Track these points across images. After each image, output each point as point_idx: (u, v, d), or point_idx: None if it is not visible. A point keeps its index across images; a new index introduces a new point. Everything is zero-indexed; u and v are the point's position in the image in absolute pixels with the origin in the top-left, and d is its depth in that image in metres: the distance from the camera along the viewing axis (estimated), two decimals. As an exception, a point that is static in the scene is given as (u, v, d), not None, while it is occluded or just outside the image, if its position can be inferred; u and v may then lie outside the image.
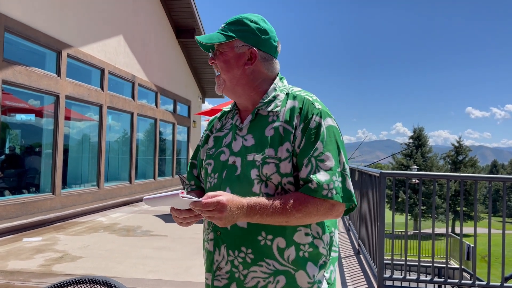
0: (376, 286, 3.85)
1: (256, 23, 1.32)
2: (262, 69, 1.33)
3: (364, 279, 4.17)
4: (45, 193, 7.28)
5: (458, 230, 34.09)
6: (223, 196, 1.11)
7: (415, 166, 33.71)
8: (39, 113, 7.75)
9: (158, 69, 12.27)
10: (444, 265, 4.06)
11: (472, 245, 14.05)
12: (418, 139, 38.80)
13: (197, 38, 1.32)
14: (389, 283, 3.86)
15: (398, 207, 31.92)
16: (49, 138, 7.47)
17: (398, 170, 32.35)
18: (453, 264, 14.14)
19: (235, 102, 1.42)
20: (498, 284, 3.65)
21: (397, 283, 4.11)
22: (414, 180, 19.21)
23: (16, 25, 6.32)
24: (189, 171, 1.52)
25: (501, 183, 3.86)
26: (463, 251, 13.70)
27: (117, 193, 9.74)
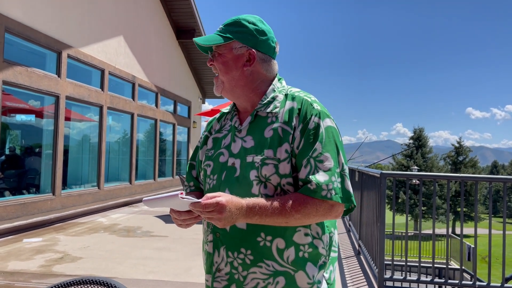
0: (376, 287, 3.85)
1: (254, 24, 1.31)
2: (261, 70, 1.33)
3: (364, 279, 4.17)
4: (45, 193, 7.28)
5: (458, 231, 34.06)
6: (223, 197, 1.11)
7: (416, 167, 33.69)
8: (39, 114, 7.76)
9: (159, 70, 12.28)
10: (445, 266, 4.05)
11: (472, 245, 14.05)
12: (419, 140, 38.78)
13: (195, 40, 1.31)
14: (389, 283, 3.86)
15: (398, 207, 31.91)
16: (49, 138, 7.48)
17: (398, 171, 32.32)
18: (454, 264, 14.14)
19: (234, 103, 1.42)
20: (499, 285, 3.65)
21: (398, 284, 4.11)
22: (414, 181, 19.19)
23: (17, 25, 6.32)
24: (188, 172, 1.51)
25: (502, 184, 3.86)
26: (464, 252, 13.69)
27: (117, 194, 9.75)
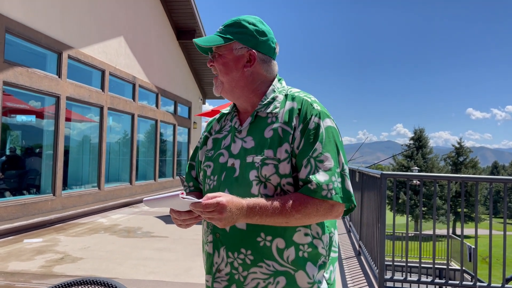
0: (376, 287, 3.85)
1: (254, 25, 1.31)
2: (261, 71, 1.33)
3: (365, 280, 4.17)
4: (45, 194, 7.29)
5: (459, 232, 34.03)
6: (223, 197, 1.11)
7: (416, 167, 33.66)
8: (40, 114, 7.76)
9: (159, 71, 12.29)
10: (445, 267, 4.05)
11: (473, 246, 14.03)
12: (419, 140, 38.74)
13: (195, 41, 1.31)
14: (390, 284, 3.86)
15: (399, 208, 31.89)
16: (50, 139, 7.48)
17: (399, 171, 32.21)
18: (454, 265, 14.12)
19: (234, 104, 1.42)
20: (499, 285, 3.65)
21: (398, 285, 4.11)
22: (415, 181, 19.18)
23: (17, 26, 6.33)
24: (188, 173, 1.51)
25: (502, 184, 3.86)
26: (464, 253, 13.67)
27: (118, 194, 9.75)
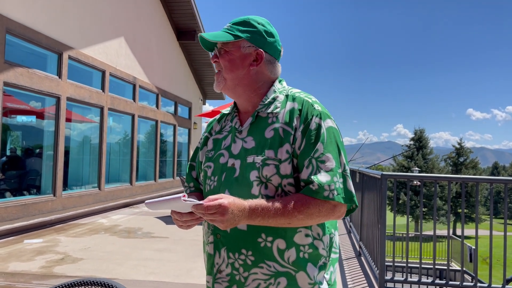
0: (377, 288, 3.84)
1: (263, 25, 1.33)
2: (266, 71, 1.34)
3: (365, 281, 4.16)
4: (46, 194, 7.29)
5: (459, 232, 34.02)
6: (225, 199, 1.11)
7: (416, 168, 33.65)
8: (40, 115, 7.77)
9: (159, 71, 12.29)
10: (446, 267, 4.05)
11: (473, 247, 14.02)
12: (419, 141, 38.74)
13: (203, 35, 1.31)
14: (390, 285, 3.85)
15: (399, 208, 31.88)
16: (50, 139, 7.48)
17: (399, 172, 32.28)
18: (455, 266, 14.12)
19: (234, 104, 1.42)
20: (500, 286, 3.64)
21: (398, 285, 4.10)
22: (415, 182, 19.17)
23: (18, 27, 6.33)
24: (188, 173, 1.51)
25: (503, 185, 3.85)
26: (465, 253, 13.67)
27: (118, 195, 9.75)
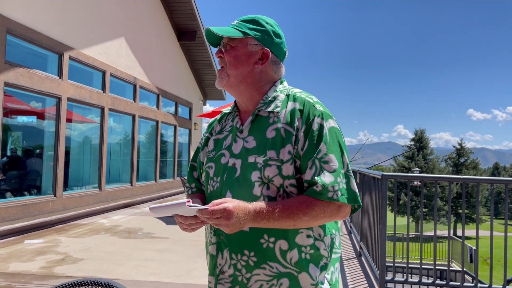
0: (378, 289, 3.84)
1: (271, 25, 1.34)
2: (270, 71, 1.34)
3: (366, 281, 4.16)
4: (46, 195, 7.29)
5: (460, 233, 34.00)
6: (229, 203, 1.11)
7: (417, 168, 33.64)
8: (40, 115, 7.77)
9: (160, 71, 12.29)
10: (446, 268, 4.05)
11: (474, 247, 14.01)
12: (420, 141, 38.71)
13: (211, 28, 1.29)
14: (390, 285, 3.85)
15: (399, 209, 31.87)
16: (51, 140, 7.49)
17: (399, 173, 32.27)
18: (455, 266, 14.10)
19: (235, 104, 1.42)
20: (500, 286, 3.64)
21: (399, 286, 4.10)
22: (415, 182, 19.16)
23: (18, 27, 6.34)
24: (189, 174, 1.51)
25: (503, 186, 3.85)
26: (465, 254, 13.66)
27: (119, 195, 9.75)
